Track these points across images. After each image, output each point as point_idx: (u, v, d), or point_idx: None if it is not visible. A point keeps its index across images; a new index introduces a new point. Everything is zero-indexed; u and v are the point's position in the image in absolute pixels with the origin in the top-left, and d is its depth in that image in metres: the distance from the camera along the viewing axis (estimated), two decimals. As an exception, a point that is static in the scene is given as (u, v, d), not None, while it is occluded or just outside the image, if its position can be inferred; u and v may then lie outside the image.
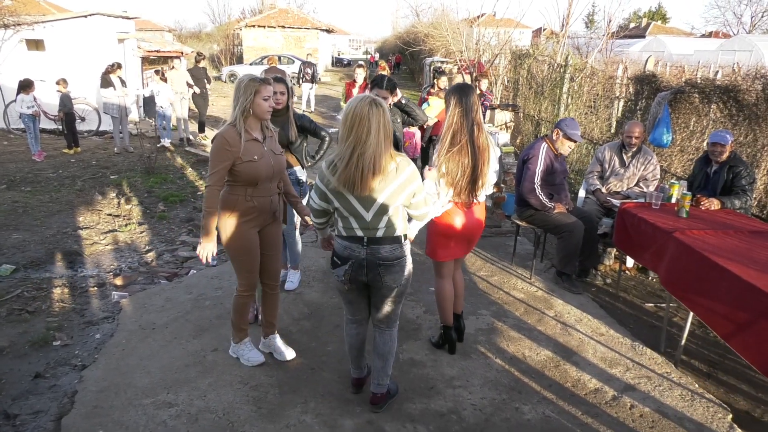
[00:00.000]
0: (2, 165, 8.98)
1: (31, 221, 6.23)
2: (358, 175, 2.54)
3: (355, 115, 2.52)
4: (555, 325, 4.09)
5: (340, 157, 2.58)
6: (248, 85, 3.00)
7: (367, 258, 2.71)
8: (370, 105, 2.53)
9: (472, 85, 3.62)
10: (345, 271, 2.75)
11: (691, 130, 6.20)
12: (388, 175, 2.61)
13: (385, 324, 2.95)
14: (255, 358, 3.45)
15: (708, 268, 3.22)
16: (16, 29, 11.36)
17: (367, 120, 2.51)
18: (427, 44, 20.98)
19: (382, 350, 2.98)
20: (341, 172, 2.57)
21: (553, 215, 4.54)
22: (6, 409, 3.04)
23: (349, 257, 2.73)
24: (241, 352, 3.47)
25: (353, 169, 2.54)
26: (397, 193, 2.65)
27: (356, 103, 2.55)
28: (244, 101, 3.00)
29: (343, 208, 2.67)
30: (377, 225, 2.68)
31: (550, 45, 11.15)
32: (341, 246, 2.76)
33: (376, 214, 2.66)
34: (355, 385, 3.21)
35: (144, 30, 26.48)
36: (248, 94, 3.00)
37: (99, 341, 3.76)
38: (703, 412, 3.12)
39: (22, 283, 4.60)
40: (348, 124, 2.54)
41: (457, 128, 3.24)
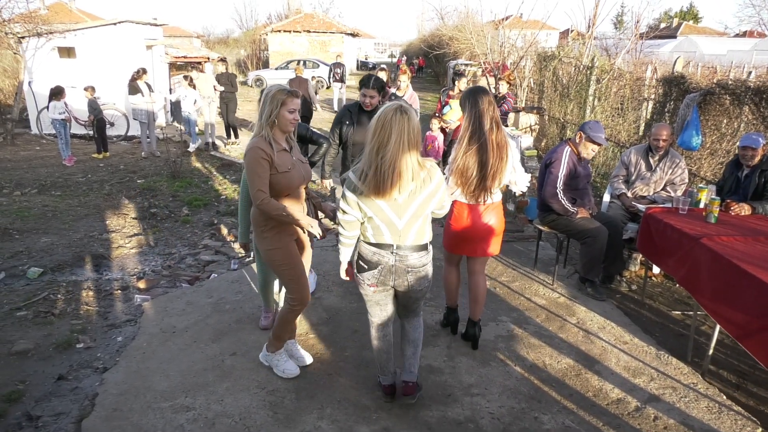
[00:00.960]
0: (34, 170, 9.24)
1: (60, 225, 6.37)
2: (388, 182, 2.57)
3: (381, 122, 2.57)
4: (577, 332, 4.00)
5: (368, 164, 2.61)
6: (275, 96, 2.96)
7: (395, 264, 2.76)
8: (395, 112, 2.57)
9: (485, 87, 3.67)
10: (373, 275, 2.80)
11: (721, 133, 6.03)
12: (419, 182, 2.66)
13: (413, 315, 3.08)
14: (291, 370, 3.37)
15: (737, 276, 3.10)
16: (48, 37, 11.69)
17: (390, 127, 2.54)
18: (451, 47, 20.92)
19: (413, 336, 3.08)
20: (370, 178, 2.59)
21: (576, 220, 4.45)
22: (29, 410, 3.10)
23: (378, 263, 2.76)
24: (275, 362, 3.39)
25: (381, 175, 2.56)
26: (428, 201, 2.71)
27: (383, 110, 2.61)
28: (270, 112, 2.96)
29: (375, 217, 2.69)
30: (408, 233, 2.73)
31: (576, 46, 10.98)
32: (369, 251, 2.78)
33: (409, 222, 2.71)
34: (389, 392, 3.13)
35: (173, 36, 27.03)
36: (274, 105, 2.96)
37: (121, 344, 3.81)
38: (731, 425, 3.01)
39: (49, 286, 4.70)
40: (374, 131, 2.59)
41: (475, 128, 3.34)
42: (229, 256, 5.55)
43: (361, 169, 2.64)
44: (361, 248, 2.83)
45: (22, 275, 4.94)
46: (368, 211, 2.69)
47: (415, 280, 2.82)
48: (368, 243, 2.79)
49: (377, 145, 2.57)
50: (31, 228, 6.21)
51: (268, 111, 2.96)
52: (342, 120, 4.48)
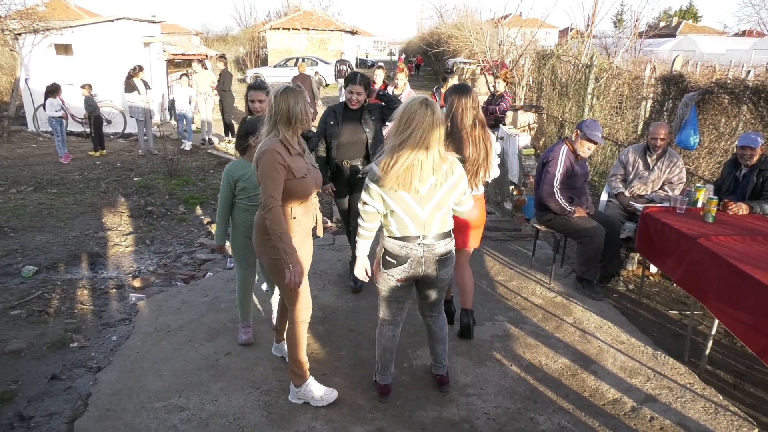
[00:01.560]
0: (30, 167, 9.20)
1: (55, 223, 6.34)
2: (409, 174, 2.62)
3: (407, 114, 2.60)
4: (574, 332, 3.98)
5: (391, 156, 2.64)
6: (292, 94, 2.78)
7: (424, 255, 2.80)
8: (420, 105, 2.61)
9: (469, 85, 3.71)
10: (403, 269, 2.82)
11: (719, 132, 6.01)
12: (441, 175, 2.70)
13: (436, 310, 3.12)
14: (329, 396, 3.11)
15: (735, 276, 3.09)
16: (45, 34, 11.64)
17: (415, 120, 2.58)
18: (450, 45, 20.88)
19: (441, 335, 3.15)
20: (394, 170, 2.62)
21: (574, 219, 4.43)
22: (22, 410, 3.08)
23: (407, 256, 2.79)
24: (309, 393, 3.08)
25: (404, 167, 2.60)
26: (450, 193, 2.76)
27: (408, 103, 2.64)
28: (287, 111, 2.77)
29: (399, 209, 2.72)
30: (432, 222, 2.77)
31: (575, 45, 10.95)
32: (397, 245, 2.79)
33: (431, 213, 2.75)
34: (384, 392, 3.15)
35: (171, 33, 26.97)
36: (293, 102, 2.78)
37: (115, 343, 3.79)
38: (727, 425, 3.00)
39: (44, 285, 4.68)
40: (399, 123, 2.63)
41: (453, 124, 3.44)
42: (225, 254, 5.51)
43: (385, 161, 2.66)
44: (386, 244, 2.83)
45: (16, 273, 4.91)
46: (391, 203, 2.71)
47: (443, 269, 2.88)
48: (394, 237, 2.80)
49: (401, 138, 2.61)
50: (26, 226, 6.18)
51: (284, 110, 2.76)
52: (326, 120, 4.34)
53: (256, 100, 3.86)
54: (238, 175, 3.40)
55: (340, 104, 4.39)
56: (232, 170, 3.43)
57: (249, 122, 3.45)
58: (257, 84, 3.96)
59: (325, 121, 4.36)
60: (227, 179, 3.42)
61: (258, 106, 3.85)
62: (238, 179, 3.40)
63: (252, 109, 3.90)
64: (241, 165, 3.43)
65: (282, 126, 2.77)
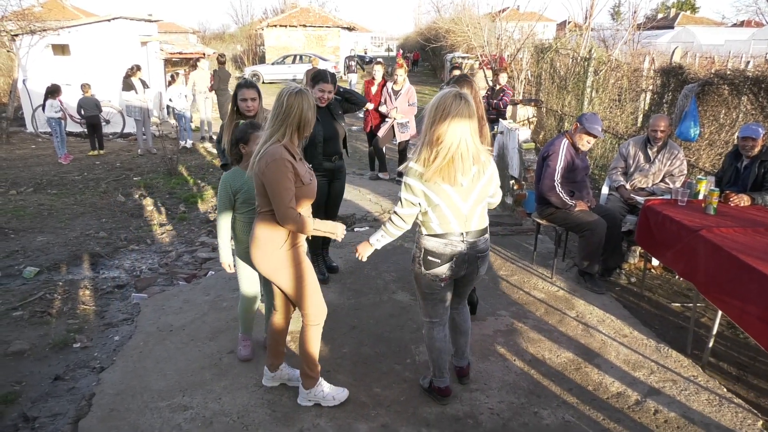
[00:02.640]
0: (29, 168, 9.19)
1: (56, 223, 6.34)
2: (453, 166, 2.61)
3: (442, 108, 2.57)
4: (576, 326, 3.98)
5: (429, 151, 2.62)
6: (305, 97, 2.67)
7: (467, 252, 2.78)
8: (454, 98, 2.58)
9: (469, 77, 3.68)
10: (449, 268, 2.79)
11: (720, 123, 5.99)
12: (480, 166, 2.71)
13: (462, 303, 3.16)
14: (341, 395, 3.08)
15: (737, 268, 3.08)
16: (42, 35, 11.61)
17: (450, 112, 2.56)
18: (448, 40, 20.83)
19: (465, 327, 3.18)
20: (437, 163, 2.60)
21: (575, 213, 4.42)
22: (26, 411, 3.08)
23: (451, 254, 2.76)
24: (321, 394, 3.04)
25: (447, 160, 2.59)
26: (488, 184, 2.78)
27: (441, 97, 2.61)
28: (298, 114, 2.66)
29: (443, 203, 2.68)
30: (473, 217, 2.77)
31: (573, 38, 10.93)
32: (440, 243, 2.75)
33: (473, 207, 2.74)
34: (447, 394, 3.11)
35: (169, 32, 26.89)
36: (306, 106, 2.68)
37: (118, 343, 3.79)
38: (731, 417, 3.00)
39: (45, 286, 4.68)
40: (434, 116, 2.59)
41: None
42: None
43: (423, 156, 2.64)
44: (427, 243, 2.77)
45: (18, 275, 4.91)
46: (435, 198, 2.67)
47: (483, 265, 2.90)
48: (435, 235, 2.75)
49: (439, 131, 2.57)
50: (27, 227, 6.18)
51: (297, 113, 2.64)
52: None
53: (248, 99, 3.68)
54: (237, 186, 3.15)
55: None
56: (229, 181, 3.17)
57: (240, 129, 3.14)
58: (248, 82, 3.76)
59: None
60: (226, 191, 3.16)
61: (250, 105, 3.68)
62: (237, 190, 3.15)
63: (243, 109, 3.68)
64: (239, 175, 3.17)
65: (290, 130, 2.66)
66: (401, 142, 7.75)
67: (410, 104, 7.51)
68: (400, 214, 2.77)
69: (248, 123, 3.20)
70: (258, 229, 2.79)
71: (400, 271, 4.87)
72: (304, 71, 25.28)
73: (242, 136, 3.11)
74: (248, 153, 3.06)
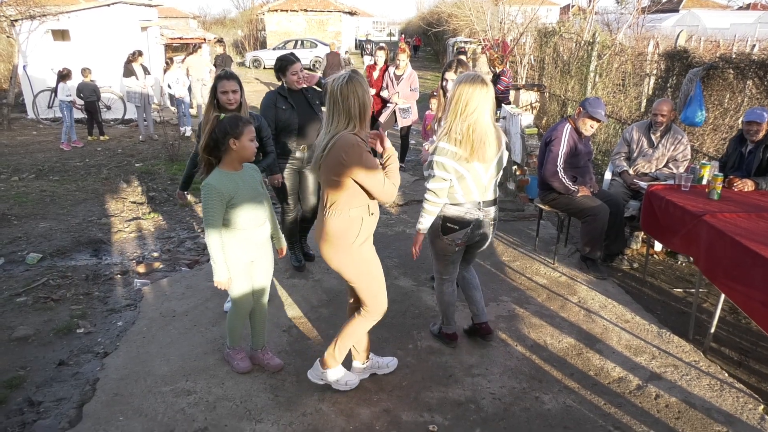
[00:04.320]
0: (31, 155, 9.18)
1: (58, 210, 6.34)
2: (483, 144, 2.88)
3: (468, 91, 2.82)
4: (578, 311, 3.98)
5: (458, 132, 2.87)
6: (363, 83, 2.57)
7: (483, 219, 3.12)
8: (474, 80, 2.84)
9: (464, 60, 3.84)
10: (465, 233, 3.11)
11: (724, 108, 5.95)
12: (498, 142, 3.00)
13: (472, 262, 3.50)
14: (353, 382, 3.10)
15: (740, 253, 3.07)
16: (42, 20, 11.53)
17: (476, 94, 2.82)
18: (450, 24, 20.65)
19: (476, 282, 3.51)
20: (469, 143, 2.87)
21: (577, 199, 4.40)
22: (30, 396, 3.10)
23: (469, 221, 3.07)
24: (332, 377, 3.05)
25: (478, 139, 2.86)
26: (502, 158, 3.10)
27: (464, 80, 2.86)
28: (362, 103, 2.56)
29: (471, 177, 2.97)
30: (489, 188, 3.09)
31: (577, 22, 10.81)
32: (460, 211, 3.06)
33: (490, 178, 3.06)
34: (455, 338, 3.51)
35: (169, 17, 26.68)
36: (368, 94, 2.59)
37: (121, 329, 3.81)
38: (732, 402, 3.01)
39: (48, 272, 4.69)
40: (457, 99, 2.85)
41: None
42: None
43: (453, 137, 2.89)
44: (448, 211, 3.06)
45: (21, 261, 4.92)
46: (465, 173, 2.95)
47: (492, 231, 3.23)
48: (457, 204, 3.04)
49: (465, 112, 2.83)
50: (29, 213, 6.18)
51: (360, 101, 2.54)
52: (276, 104, 4.13)
53: (229, 91, 3.51)
54: (230, 192, 2.79)
55: (283, 88, 4.20)
56: (219, 187, 2.76)
57: (229, 120, 2.76)
58: (227, 73, 3.58)
59: (275, 107, 4.13)
60: (219, 200, 2.77)
61: (231, 97, 3.52)
62: (231, 197, 2.80)
63: (223, 102, 3.53)
64: (228, 178, 2.81)
65: (353, 119, 2.54)
66: (403, 127, 7.71)
67: (412, 89, 7.45)
68: (434, 190, 3.00)
69: (236, 116, 2.82)
70: (330, 225, 2.68)
71: (402, 257, 4.87)
72: (310, 56, 25.28)
73: (234, 130, 2.73)
74: (240, 149, 2.78)
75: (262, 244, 3.07)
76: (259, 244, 3.03)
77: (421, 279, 4.48)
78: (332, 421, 2.86)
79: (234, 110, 3.53)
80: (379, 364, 3.24)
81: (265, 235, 3.08)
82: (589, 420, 2.87)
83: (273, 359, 3.31)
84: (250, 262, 3.03)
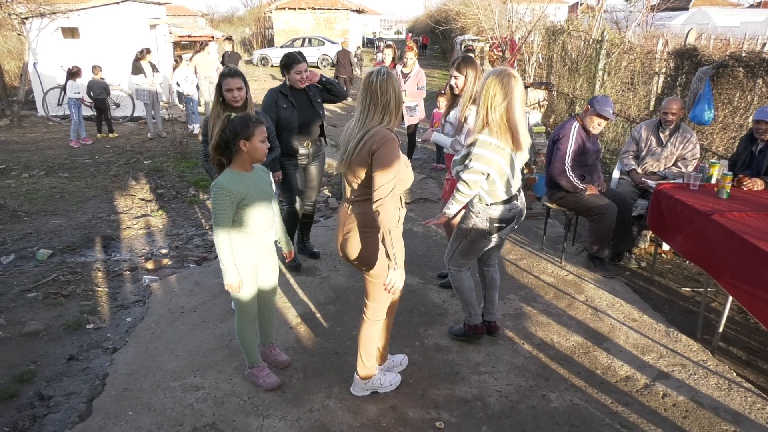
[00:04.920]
0: (41, 151, 9.25)
1: (68, 206, 6.39)
2: (519, 134, 2.95)
3: (506, 84, 2.88)
4: (586, 310, 3.98)
5: (497, 125, 2.92)
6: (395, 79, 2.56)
7: (521, 208, 3.21)
8: (509, 75, 2.90)
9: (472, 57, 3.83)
10: (510, 228, 3.21)
11: (734, 107, 5.91)
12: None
13: (496, 260, 3.54)
14: (396, 380, 3.10)
15: (749, 253, 3.06)
16: (52, 18, 11.61)
17: (512, 88, 2.87)
18: (458, 22, 20.60)
19: (497, 282, 3.56)
20: (512, 136, 2.95)
21: (585, 197, 4.39)
22: (41, 390, 3.14)
23: (514, 216, 3.16)
24: (378, 382, 3.04)
25: (516, 130, 2.93)
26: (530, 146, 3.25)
27: (495, 75, 2.91)
28: (397, 98, 2.57)
29: (509, 168, 3.04)
30: (519, 176, 3.17)
31: (586, 20, 10.77)
32: (505, 209, 3.11)
33: (519, 170, 3.17)
34: (483, 331, 3.54)
35: (177, 15, 26.77)
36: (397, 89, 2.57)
37: (130, 324, 3.84)
38: (740, 401, 3.00)
39: (58, 268, 4.73)
40: (493, 91, 2.89)
41: None
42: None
43: (491, 129, 2.94)
44: (494, 213, 3.10)
45: (31, 257, 4.97)
46: (505, 167, 3.01)
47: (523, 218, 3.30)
48: (500, 203, 3.09)
49: (503, 105, 2.89)
50: (39, 210, 6.24)
51: (397, 97, 2.55)
52: (277, 103, 4.11)
53: (234, 89, 3.48)
54: (241, 193, 2.72)
55: (285, 86, 4.18)
56: (229, 187, 2.68)
57: (239, 121, 2.68)
58: (232, 71, 3.52)
59: (276, 105, 4.11)
60: (230, 200, 2.69)
61: (236, 95, 3.49)
62: (242, 198, 2.72)
63: (229, 100, 3.50)
64: (239, 179, 2.74)
65: (387, 114, 2.55)
66: (410, 125, 7.71)
67: (419, 87, 7.45)
68: (469, 182, 3.02)
69: (247, 116, 2.72)
70: (359, 217, 2.65)
71: (409, 255, 4.85)
72: (318, 54, 25.31)
73: (244, 131, 2.66)
74: (251, 150, 2.71)
75: (270, 248, 3.02)
76: (266, 247, 2.97)
77: (428, 277, 4.49)
78: (339, 417, 2.87)
79: (240, 107, 3.54)
80: (393, 363, 3.24)
81: (273, 239, 3.01)
82: (596, 418, 2.87)
83: (280, 355, 3.32)
84: (255, 267, 2.94)
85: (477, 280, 3.62)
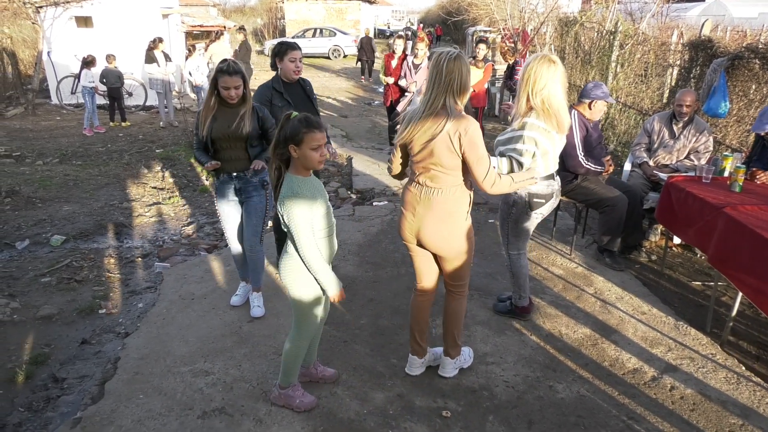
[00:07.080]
0: (55, 139, 9.35)
1: (81, 194, 6.47)
2: (562, 116, 3.09)
3: (554, 70, 3.01)
4: (594, 302, 3.97)
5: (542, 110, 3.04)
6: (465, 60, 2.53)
7: (558, 188, 3.37)
8: (547, 61, 3.02)
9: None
10: (551, 204, 3.35)
11: (749, 99, 5.83)
12: None
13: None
14: (471, 353, 3.25)
15: (761, 246, 3.03)
16: (66, 7, 11.68)
17: (557, 74, 3.02)
18: (470, 13, 20.45)
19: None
20: (555, 116, 3.05)
21: (595, 189, 4.36)
22: (55, 372, 3.20)
23: (552, 193, 3.31)
24: (464, 358, 3.18)
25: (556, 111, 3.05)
26: None
27: (537, 62, 3.03)
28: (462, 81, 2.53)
29: (553, 151, 3.19)
30: (557, 160, 3.28)
31: (599, 11, 10.64)
32: (543, 186, 3.25)
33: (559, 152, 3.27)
34: (530, 311, 3.73)
35: (189, 5, 26.78)
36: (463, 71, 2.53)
37: (142, 310, 3.89)
38: (749, 395, 2.99)
39: (71, 253, 4.80)
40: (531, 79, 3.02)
41: None
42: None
43: (538, 113, 3.06)
44: (533, 188, 3.22)
45: (45, 243, 5.04)
46: (550, 149, 3.14)
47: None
48: (544, 178, 3.22)
49: (549, 88, 3.01)
50: (53, 197, 6.32)
51: (457, 78, 2.51)
52: (272, 101, 3.80)
53: (231, 88, 3.27)
54: (318, 198, 2.48)
55: (277, 81, 3.85)
56: (308, 194, 2.43)
57: (292, 124, 2.41)
58: (230, 68, 3.27)
59: (270, 103, 3.79)
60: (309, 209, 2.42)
61: (233, 93, 3.29)
62: (313, 203, 2.46)
63: (224, 97, 3.32)
64: (304, 184, 2.45)
65: (453, 95, 2.53)
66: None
67: (430, 78, 7.43)
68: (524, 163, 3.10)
69: (302, 119, 2.42)
70: (446, 203, 2.66)
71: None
72: (329, 45, 25.26)
73: (295, 137, 2.39)
74: (302, 157, 2.42)
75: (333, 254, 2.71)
76: (331, 253, 2.66)
77: (437, 267, 4.50)
78: (347, 404, 2.90)
79: (235, 105, 3.37)
80: (434, 356, 3.19)
81: (336, 244, 2.71)
82: (603, 410, 2.87)
83: (326, 370, 3.09)
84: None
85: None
